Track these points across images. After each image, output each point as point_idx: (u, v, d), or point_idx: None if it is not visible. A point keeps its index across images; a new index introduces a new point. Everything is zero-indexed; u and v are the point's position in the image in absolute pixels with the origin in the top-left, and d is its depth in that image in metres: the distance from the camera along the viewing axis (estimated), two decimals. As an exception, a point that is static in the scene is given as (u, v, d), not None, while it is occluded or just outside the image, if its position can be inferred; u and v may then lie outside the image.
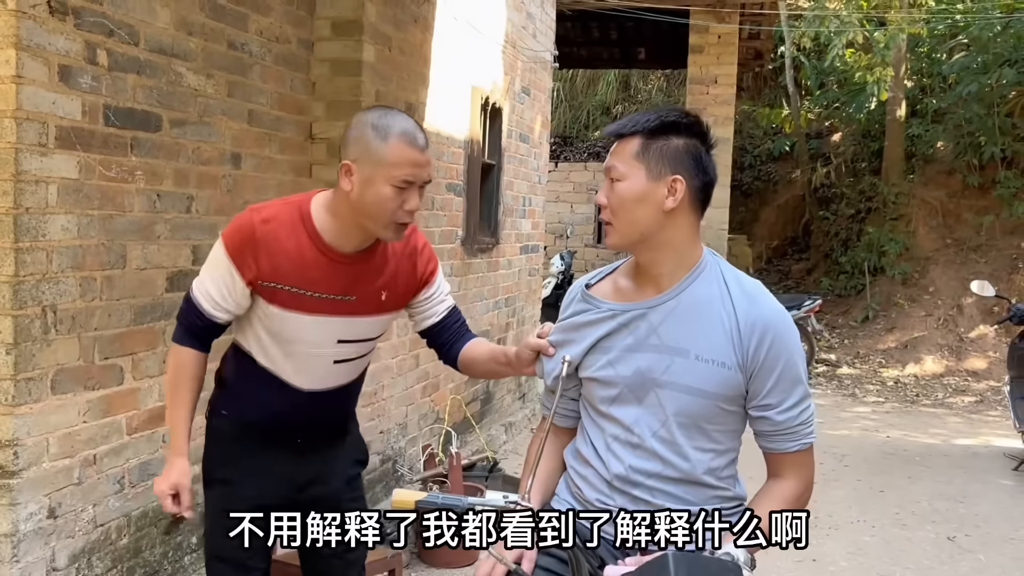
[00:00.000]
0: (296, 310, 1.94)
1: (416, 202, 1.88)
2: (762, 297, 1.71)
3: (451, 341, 2.17)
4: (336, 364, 2.05)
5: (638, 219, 1.68)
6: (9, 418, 2.51)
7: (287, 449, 2.08)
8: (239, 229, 1.93)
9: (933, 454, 6.52)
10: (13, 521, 2.53)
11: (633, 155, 1.67)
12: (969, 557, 4.38)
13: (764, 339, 1.65)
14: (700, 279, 1.72)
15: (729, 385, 1.67)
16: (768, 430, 1.70)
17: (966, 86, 10.78)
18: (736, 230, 12.11)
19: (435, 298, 2.15)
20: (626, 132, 1.70)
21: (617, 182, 1.69)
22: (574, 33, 11.04)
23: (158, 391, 3.08)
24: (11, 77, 2.46)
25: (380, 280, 2.02)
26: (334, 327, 1.99)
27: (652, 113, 1.70)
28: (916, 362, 9.78)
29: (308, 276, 1.93)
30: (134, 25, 2.88)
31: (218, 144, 3.34)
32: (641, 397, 1.71)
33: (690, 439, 1.70)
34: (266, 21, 3.60)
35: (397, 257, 2.05)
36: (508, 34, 6.08)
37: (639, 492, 1.71)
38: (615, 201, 1.69)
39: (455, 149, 5.23)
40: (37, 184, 2.55)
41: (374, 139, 1.85)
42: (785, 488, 1.70)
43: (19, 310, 2.51)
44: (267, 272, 1.92)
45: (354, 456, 2.23)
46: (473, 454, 4.81)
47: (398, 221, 1.88)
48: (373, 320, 2.05)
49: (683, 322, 1.69)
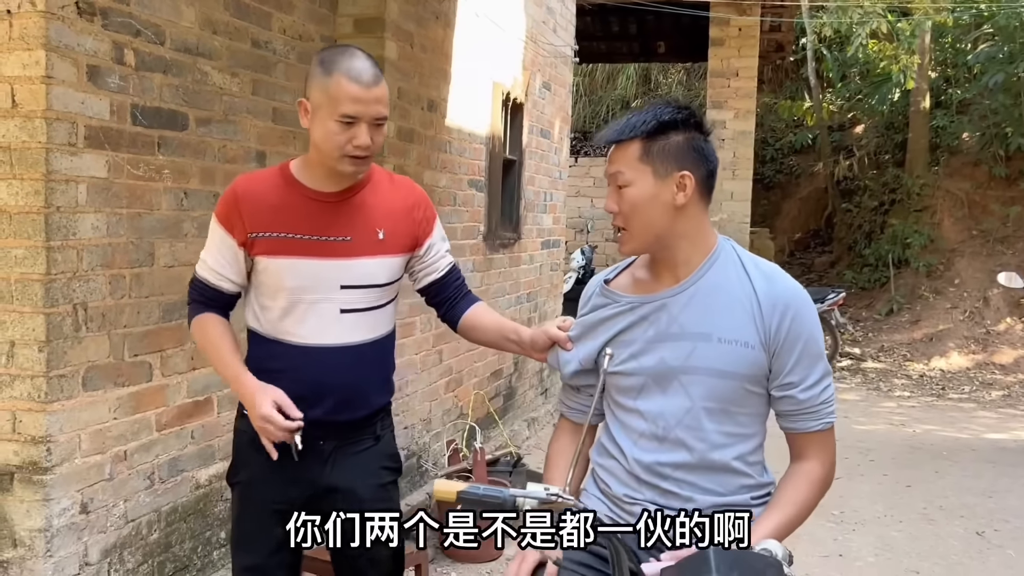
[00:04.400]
0: (289, 255, 1.95)
1: (364, 138, 1.89)
2: (780, 276, 1.73)
3: (451, 300, 2.16)
4: (344, 314, 1.99)
5: (652, 220, 1.69)
6: (42, 415, 2.55)
7: (310, 452, 1.98)
8: (223, 198, 2.01)
9: (961, 448, 6.46)
10: (47, 516, 2.57)
11: (637, 158, 1.68)
12: (998, 552, 4.33)
13: (786, 316, 1.67)
14: (717, 264, 1.73)
15: (753, 364, 1.68)
16: (791, 409, 1.71)
17: (991, 76, 10.65)
18: (758, 223, 12.03)
19: (436, 252, 2.13)
20: (624, 137, 1.70)
21: (625, 188, 1.69)
22: (593, 27, 10.99)
23: (186, 387, 3.11)
24: (41, 78, 2.48)
25: (374, 219, 2.01)
26: (333, 270, 1.97)
27: (646, 114, 1.70)
28: (942, 355, 9.68)
29: (293, 219, 1.96)
30: (160, 25, 2.90)
31: (243, 143, 3.36)
32: (666, 387, 1.71)
33: (717, 424, 1.70)
34: (289, 19, 3.62)
35: (392, 198, 2.06)
36: (528, 29, 6.07)
37: (667, 484, 1.71)
38: (626, 207, 1.70)
39: (476, 145, 5.23)
40: (67, 183, 2.58)
41: (320, 75, 1.90)
42: (810, 470, 1.71)
43: (51, 308, 2.54)
44: (253, 224, 1.95)
45: (384, 463, 2.11)
46: (496, 449, 4.82)
47: (349, 155, 1.90)
48: (374, 262, 2.01)
49: (703, 307, 1.70)
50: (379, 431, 2.12)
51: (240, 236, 1.96)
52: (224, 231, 1.98)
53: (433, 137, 4.58)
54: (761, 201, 13.04)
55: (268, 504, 2.00)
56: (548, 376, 7.01)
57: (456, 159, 4.92)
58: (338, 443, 2.04)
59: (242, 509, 2.09)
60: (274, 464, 1.97)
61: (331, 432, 2.02)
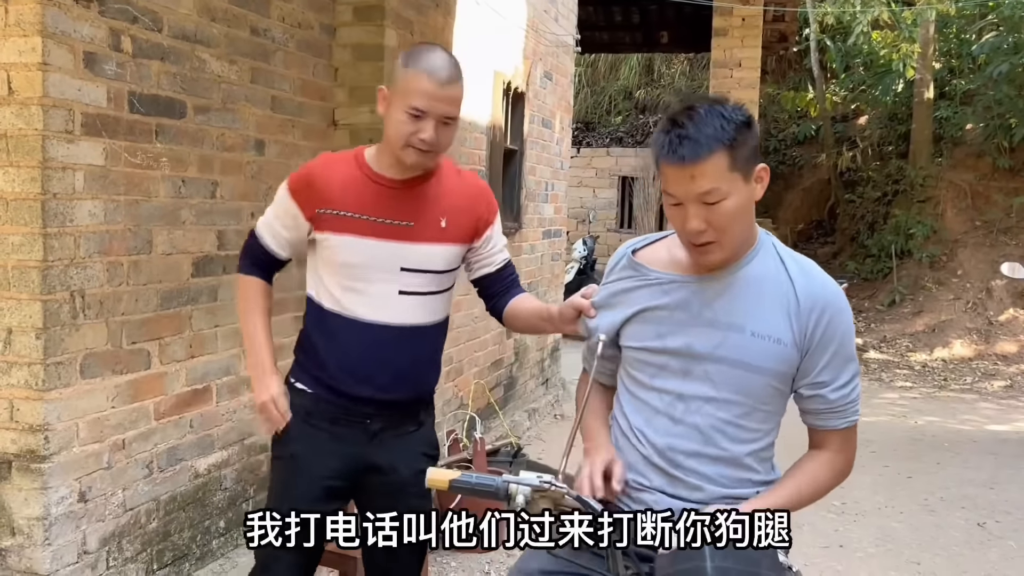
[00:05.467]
0: (353, 233, 2.03)
1: (429, 133, 1.97)
2: (819, 274, 1.72)
3: (501, 293, 2.21)
4: (402, 296, 2.07)
5: (746, 226, 1.66)
6: (40, 403, 2.54)
7: (357, 428, 2.09)
8: (300, 171, 2.12)
9: (962, 440, 6.44)
10: (45, 505, 2.57)
11: (727, 169, 1.58)
12: (999, 543, 4.33)
13: (823, 316, 1.65)
14: (758, 256, 1.71)
15: (783, 361, 1.66)
16: (820, 408, 1.71)
17: (996, 67, 10.59)
18: (761, 214, 11.91)
19: (493, 247, 2.20)
20: (704, 153, 1.56)
21: (720, 203, 1.59)
22: (596, 17, 10.93)
23: (185, 376, 3.11)
24: (37, 64, 2.47)
25: (438, 208, 2.09)
26: (394, 252, 2.05)
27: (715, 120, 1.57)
28: (944, 346, 9.66)
29: (361, 200, 2.04)
30: (157, 11, 2.89)
31: (242, 131, 3.35)
32: (688, 371, 1.69)
33: (736, 417, 1.68)
34: (288, 7, 3.60)
35: (457, 191, 2.13)
36: (530, 18, 6.04)
37: (678, 472, 1.69)
38: (723, 221, 1.60)
39: (477, 135, 5.21)
40: (64, 171, 2.57)
41: (400, 67, 2.01)
42: (831, 457, 1.73)
43: (48, 295, 2.53)
44: (321, 200, 2.05)
45: (424, 449, 2.18)
46: (497, 440, 4.82)
47: (413, 146, 1.98)
48: (434, 249, 2.08)
49: (740, 298, 1.67)
50: (423, 417, 2.21)
51: (308, 211, 2.06)
52: (293, 202, 2.07)
53: (433, 126, 4.56)
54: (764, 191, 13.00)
55: (316, 478, 2.08)
56: (549, 367, 7.01)
57: (456, 148, 4.90)
58: (384, 424, 2.11)
59: (286, 479, 2.14)
60: (324, 439, 2.08)
61: (379, 411, 2.10)
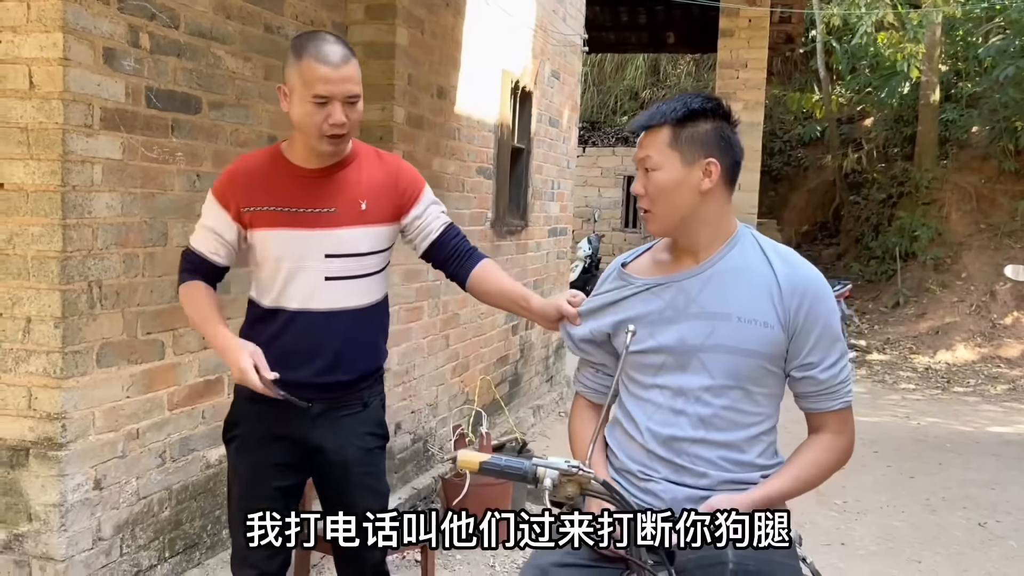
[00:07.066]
0: (278, 227, 2.09)
1: (339, 116, 2.01)
2: (799, 261, 1.80)
3: (457, 258, 2.22)
4: (329, 282, 2.12)
5: (677, 204, 1.76)
6: (57, 392, 2.59)
7: (300, 411, 2.09)
8: (221, 177, 2.19)
9: (965, 441, 6.47)
10: (61, 492, 2.61)
11: (666, 144, 1.75)
12: (1000, 543, 4.36)
13: (804, 300, 1.73)
14: (736, 248, 1.79)
15: (772, 343, 1.73)
16: (811, 390, 1.77)
17: (1003, 70, 10.61)
18: (765, 215, 12.03)
19: (427, 216, 2.22)
20: (654, 123, 1.76)
21: (653, 171, 1.76)
22: (603, 17, 10.96)
23: (198, 367, 3.15)
24: (58, 59, 2.52)
25: (358, 192, 2.14)
26: (317, 240, 2.10)
27: (676, 102, 1.77)
28: (948, 348, 9.68)
29: (283, 193, 2.10)
30: (175, 9, 2.93)
31: (255, 127, 3.39)
32: (685, 365, 1.76)
33: (735, 403, 1.75)
34: (301, 5, 3.64)
35: (376, 172, 2.18)
36: (538, 17, 6.08)
37: (682, 460, 1.75)
38: (653, 190, 1.77)
39: (485, 133, 5.26)
40: (83, 164, 2.61)
41: (292, 61, 2.03)
42: (830, 439, 1.79)
43: (67, 285, 2.58)
44: (245, 199, 2.11)
45: (370, 429, 2.24)
46: (502, 435, 4.85)
47: (327, 134, 2.02)
48: (355, 232, 2.13)
49: (722, 288, 1.76)
50: (367, 398, 2.25)
51: (233, 210, 2.12)
52: (219, 206, 2.13)
53: (442, 124, 4.61)
54: (769, 193, 13.03)
55: (265, 460, 2.16)
56: (554, 364, 7.05)
57: (465, 146, 4.95)
58: (325, 407, 2.16)
59: (239, 462, 2.22)
60: (264, 423, 2.14)
61: (318, 394, 2.14)
